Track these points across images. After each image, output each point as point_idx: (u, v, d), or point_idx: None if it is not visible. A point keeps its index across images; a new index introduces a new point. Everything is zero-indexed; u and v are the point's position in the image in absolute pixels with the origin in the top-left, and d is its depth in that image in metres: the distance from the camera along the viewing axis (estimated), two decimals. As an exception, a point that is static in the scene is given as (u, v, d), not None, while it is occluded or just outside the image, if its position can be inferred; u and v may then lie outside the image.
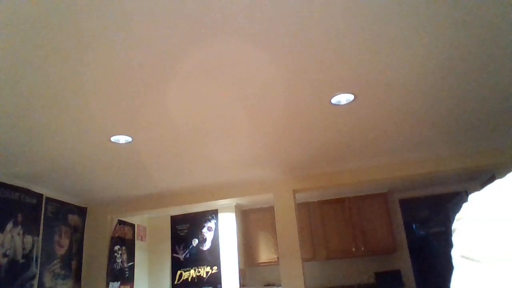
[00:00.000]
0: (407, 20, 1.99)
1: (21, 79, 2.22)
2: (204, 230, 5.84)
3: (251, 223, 6.08)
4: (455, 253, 0.50)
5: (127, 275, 5.41)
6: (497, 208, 0.47)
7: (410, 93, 2.82)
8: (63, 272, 4.50)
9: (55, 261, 4.40)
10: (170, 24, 1.88)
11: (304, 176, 4.76)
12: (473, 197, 0.52)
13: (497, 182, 0.50)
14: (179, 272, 5.79)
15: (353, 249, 5.73)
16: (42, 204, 4.28)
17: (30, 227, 4.04)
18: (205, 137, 3.32)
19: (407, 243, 5.92)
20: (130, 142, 3.25)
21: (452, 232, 0.53)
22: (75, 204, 4.88)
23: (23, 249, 3.92)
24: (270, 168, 4.36)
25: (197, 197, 5.02)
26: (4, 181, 3.78)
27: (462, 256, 0.49)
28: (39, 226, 4.19)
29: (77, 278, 4.75)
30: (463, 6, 1.91)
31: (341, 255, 5.79)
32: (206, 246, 5.77)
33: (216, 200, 5.04)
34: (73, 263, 4.71)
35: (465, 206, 0.52)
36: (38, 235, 4.15)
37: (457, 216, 0.52)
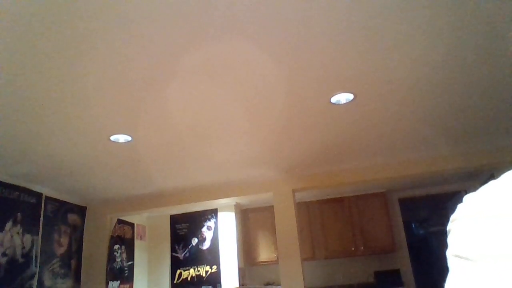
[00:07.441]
0: (407, 19, 1.99)
1: (21, 79, 2.22)
2: (204, 229, 5.84)
3: (251, 222, 6.08)
4: (449, 253, 0.50)
5: (126, 274, 5.41)
6: (490, 208, 0.47)
7: (410, 93, 2.81)
8: (62, 271, 4.50)
9: (55, 260, 4.39)
10: (170, 24, 1.88)
11: (303, 175, 4.76)
12: (467, 198, 0.52)
13: (491, 183, 0.50)
14: (178, 271, 5.79)
15: (353, 249, 5.74)
16: (41, 203, 4.27)
17: (29, 226, 4.04)
18: (205, 136, 3.31)
19: (406, 243, 5.92)
20: (129, 141, 3.25)
21: (447, 233, 0.53)
22: (75, 203, 4.87)
23: (23, 248, 3.92)
24: (270, 167, 4.36)
25: (197, 196, 5.02)
26: (3, 180, 3.78)
27: (456, 256, 0.48)
28: (39, 225, 4.19)
29: (77, 277, 4.75)
30: (463, 5, 1.91)
31: (340, 254, 5.79)
32: (206, 245, 5.77)
33: (216, 199, 5.04)
34: (72, 262, 4.71)
35: (459, 207, 0.52)
36: (37, 234, 4.15)
37: (452, 217, 0.53)
